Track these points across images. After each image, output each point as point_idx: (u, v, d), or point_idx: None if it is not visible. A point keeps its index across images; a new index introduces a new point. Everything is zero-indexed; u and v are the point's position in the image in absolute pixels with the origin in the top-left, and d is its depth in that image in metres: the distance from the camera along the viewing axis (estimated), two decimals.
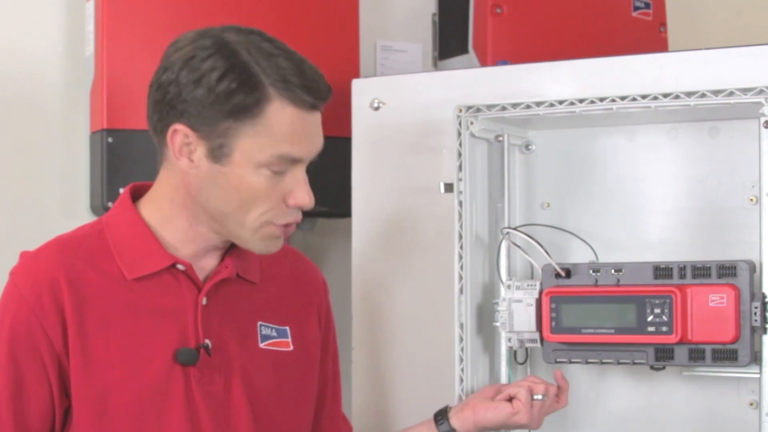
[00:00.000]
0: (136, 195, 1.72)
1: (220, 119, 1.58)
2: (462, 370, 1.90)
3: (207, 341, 1.65)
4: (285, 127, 1.58)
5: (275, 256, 1.76)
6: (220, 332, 1.67)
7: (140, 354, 1.62)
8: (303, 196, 1.62)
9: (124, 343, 1.62)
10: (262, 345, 1.72)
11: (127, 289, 1.64)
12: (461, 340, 1.91)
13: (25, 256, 1.67)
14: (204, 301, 1.66)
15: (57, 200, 2.51)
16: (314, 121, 1.63)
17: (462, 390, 1.90)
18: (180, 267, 1.65)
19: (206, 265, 1.69)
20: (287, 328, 1.76)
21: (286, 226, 1.65)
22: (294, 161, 1.61)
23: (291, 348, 1.76)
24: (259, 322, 1.73)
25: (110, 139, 2.36)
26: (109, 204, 2.37)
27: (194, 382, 1.64)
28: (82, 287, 1.62)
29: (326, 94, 1.62)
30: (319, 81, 1.61)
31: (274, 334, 1.74)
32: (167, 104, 1.60)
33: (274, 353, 1.73)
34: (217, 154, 1.59)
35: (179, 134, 1.60)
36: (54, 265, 1.62)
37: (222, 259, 1.70)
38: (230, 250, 1.71)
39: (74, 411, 1.61)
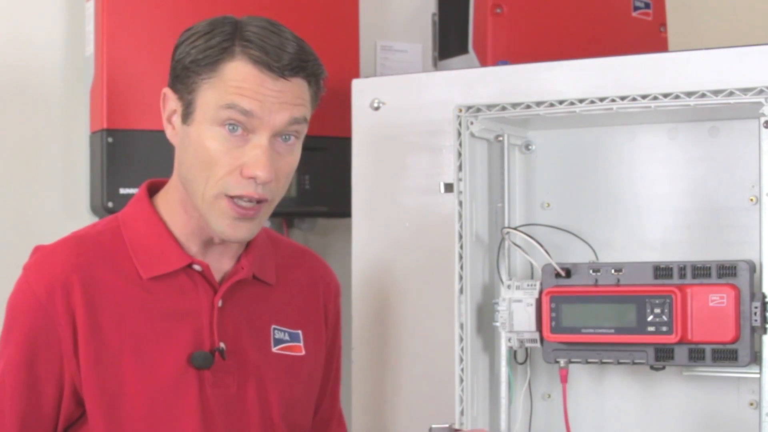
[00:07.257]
0: (153, 190, 1.70)
1: (190, 75, 1.57)
2: (462, 370, 1.90)
3: (222, 344, 1.64)
4: (237, 81, 1.55)
5: (291, 259, 1.77)
6: (235, 335, 1.66)
7: (154, 356, 1.61)
8: (257, 165, 1.54)
9: (138, 345, 1.60)
10: (274, 349, 1.71)
11: (143, 289, 1.62)
12: (461, 340, 1.90)
13: (39, 251, 1.64)
14: (220, 303, 1.64)
15: (57, 200, 2.51)
16: (277, 87, 1.56)
17: (462, 390, 1.90)
18: (196, 267, 1.64)
19: (222, 266, 1.68)
20: (300, 332, 1.75)
21: (241, 203, 1.57)
22: (245, 115, 1.54)
23: (303, 353, 1.74)
24: (273, 326, 1.72)
25: (110, 139, 2.36)
26: (110, 204, 2.37)
27: (208, 385, 1.62)
28: (96, 287, 1.60)
29: (289, 63, 1.55)
30: (286, 50, 1.56)
31: (287, 338, 1.73)
32: (170, 73, 1.62)
33: (286, 357, 1.72)
34: (186, 113, 1.59)
35: (168, 100, 1.61)
36: (68, 265, 1.60)
37: (238, 260, 1.69)
38: (246, 250, 1.69)
39: (87, 411, 1.60)
